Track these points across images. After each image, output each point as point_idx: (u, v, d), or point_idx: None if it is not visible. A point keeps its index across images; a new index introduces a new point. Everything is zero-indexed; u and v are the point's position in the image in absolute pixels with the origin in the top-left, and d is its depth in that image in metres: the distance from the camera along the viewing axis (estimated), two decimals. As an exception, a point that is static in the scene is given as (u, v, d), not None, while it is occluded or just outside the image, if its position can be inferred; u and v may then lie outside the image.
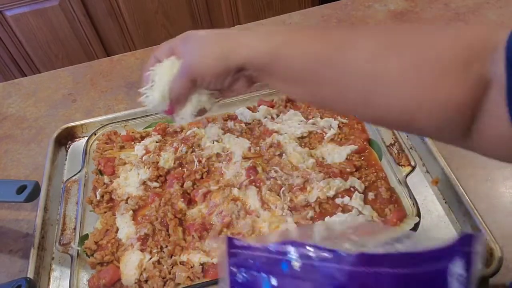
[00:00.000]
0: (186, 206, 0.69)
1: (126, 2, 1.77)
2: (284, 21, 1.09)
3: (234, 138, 0.78)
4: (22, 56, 1.84)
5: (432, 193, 0.70)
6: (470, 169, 0.71)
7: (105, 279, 0.61)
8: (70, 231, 0.67)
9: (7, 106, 1.00)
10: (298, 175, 0.70)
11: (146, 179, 0.73)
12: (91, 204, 0.71)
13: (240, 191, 0.70)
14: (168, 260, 0.62)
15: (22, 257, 0.70)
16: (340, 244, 0.41)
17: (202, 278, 0.61)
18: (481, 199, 0.66)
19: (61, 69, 1.09)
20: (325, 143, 0.76)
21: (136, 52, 1.09)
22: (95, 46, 1.88)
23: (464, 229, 0.65)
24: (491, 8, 1.03)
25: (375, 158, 0.73)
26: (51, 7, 1.71)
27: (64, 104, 0.98)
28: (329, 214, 0.65)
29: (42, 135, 0.91)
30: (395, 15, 1.06)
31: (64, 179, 0.80)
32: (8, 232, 0.74)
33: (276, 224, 0.65)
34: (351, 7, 1.10)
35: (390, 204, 0.65)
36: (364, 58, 0.39)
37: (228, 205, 0.68)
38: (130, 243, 0.65)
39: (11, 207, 0.77)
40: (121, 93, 0.98)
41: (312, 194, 0.67)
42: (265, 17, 1.44)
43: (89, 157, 0.78)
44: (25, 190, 0.66)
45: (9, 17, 1.69)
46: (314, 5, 1.40)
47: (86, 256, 0.65)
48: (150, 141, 0.78)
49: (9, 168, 0.85)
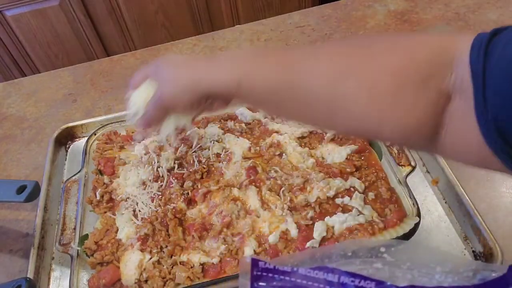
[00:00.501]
0: (186, 206, 0.69)
1: (126, 2, 1.77)
2: (284, 21, 1.09)
3: (234, 138, 0.78)
4: (22, 56, 1.83)
5: (432, 193, 0.70)
6: (470, 169, 0.71)
7: (105, 279, 0.61)
8: (70, 231, 0.67)
9: (7, 106, 1.00)
10: (298, 175, 0.70)
11: (146, 179, 0.73)
12: (91, 204, 0.71)
13: (240, 191, 0.70)
14: (168, 260, 0.62)
15: (22, 257, 0.70)
16: (371, 263, 0.39)
17: (202, 278, 0.61)
18: (481, 199, 0.66)
19: (61, 69, 1.09)
20: (325, 143, 0.76)
21: (136, 52, 1.09)
22: (95, 46, 1.88)
23: (464, 229, 0.65)
24: (491, 8, 1.03)
25: (375, 158, 0.73)
26: (51, 7, 1.71)
27: (64, 104, 0.98)
28: (329, 214, 0.65)
29: (42, 135, 0.91)
30: (395, 15, 1.05)
31: (64, 179, 0.80)
32: (8, 232, 0.74)
33: (276, 224, 0.65)
34: (351, 7, 1.10)
35: (390, 204, 0.65)
36: (322, 84, 0.41)
37: (228, 205, 0.68)
38: (130, 243, 0.65)
39: (11, 207, 0.77)
40: (121, 93, 0.97)
41: (312, 194, 0.67)
42: (265, 17, 1.43)
43: (89, 157, 0.78)
44: (25, 190, 0.66)
45: (9, 17, 1.69)
46: (314, 5, 1.40)
47: (86, 256, 0.65)
48: (150, 141, 0.78)
49: (9, 168, 0.85)
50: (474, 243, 0.63)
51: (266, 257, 0.51)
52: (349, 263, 0.42)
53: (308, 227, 0.64)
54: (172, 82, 0.51)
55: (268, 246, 0.63)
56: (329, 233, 0.63)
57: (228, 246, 0.63)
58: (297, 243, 0.62)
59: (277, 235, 0.63)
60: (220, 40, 1.07)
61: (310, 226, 0.64)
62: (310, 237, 0.62)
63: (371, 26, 1.03)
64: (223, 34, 1.09)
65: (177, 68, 0.52)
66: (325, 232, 0.62)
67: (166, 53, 1.06)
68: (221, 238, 0.64)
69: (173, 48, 1.07)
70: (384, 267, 0.41)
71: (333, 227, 0.63)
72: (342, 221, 0.63)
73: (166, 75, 0.52)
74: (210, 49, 1.05)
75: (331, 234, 0.63)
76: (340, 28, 1.05)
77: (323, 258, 0.44)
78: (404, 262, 0.41)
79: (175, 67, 0.52)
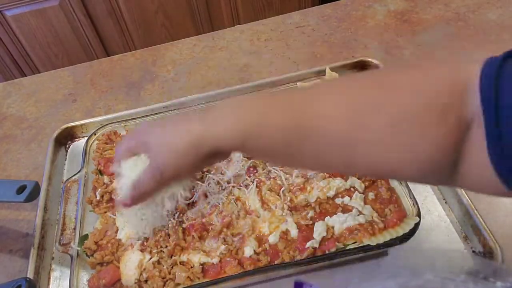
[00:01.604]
0: (186, 206, 0.69)
1: (126, 2, 1.77)
2: (284, 21, 1.09)
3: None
4: (22, 56, 1.83)
5: (432, 193, 0.70)
6: (470, 169, 0.71)
7: (105, 279, 0.61)
8: (70, 231, 0.67)
9: (7, 106, 1.00)
10: (298, 175, 0.70)
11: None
12: (91, 204, 0.71)
13: (240, 191, 0.70)
14: (168, 260, 0.62)
15: (22, 257, 0.70)
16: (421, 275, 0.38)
17: (202, 278, 0.61)
18: (481, 199, 0.66)
19: (61, 69, 1.09)
20: (325, 143, 0.75)
21: (136, 52, 1.09)
22: (95, 46, 1.88)
23: (464, 229, 0.65)
24: (491, 8, 1.03)
25: (375, 158, 0.73)
26: (51, 7, 1.71)
27: (64, 104, 0.98)
28: (329, 214, 0.65)
29: (42, 135, 0.91)
30: (395, 15, 1.05)
31: (64, 179, 0.80)
32: (8, 232, 0.74)
33: (276, 224, 0.65)
34: (351, 7, 1.10)
35: (390, 204, 0.65)
36: (336, 129, 0.38)
37: (228, 205, 0.68)
38: (130, 243, 0.65)
39: (11, 207, 0.77)
40: (121, 93, 0.98)
41: (312, 194, 0.67)
42: (265, 17, 1.43)
43: (89, 157, 0.78)
44: (25, 190, 0.66)
45: (9, 17, 1.69)
46: (314, 5, 1.40)
47: (86, 256, 0.65)
48: (150, 141, 0.78)
49: (9, 168, 0.85)
50: (474, 243, 0.63)
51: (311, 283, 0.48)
52: (397, 274, 0.40)
53: (308, 227, 0.64)
54: (168, 151, 0.43)
55: (268, 246, 0.63)
56: (329, 233, 0.63)
57: (228, 246, 0.63)
58: (297, 243, 0.62)
59: (277, 235, 0.63)
60: (220, 40, 1.07)
61: (310, 226, 0.64)
62: (310, 237, 0.62)
63: (371, 26, 1.03)
64: (223, 34, 1.09)
65: (167, 133, 0.45)
66: (325, 232, 0.62)
67: (166, 53, 1.06)
68: (221, 238, 0.64)
69: (173, 48, 1.07)
70: (436, 279, 0.39)
71: (333, 227, 0.63)
72: (342, 221, 0.63)
73: (157, 146, 0.45)
74: (210, 49, 1.05)
75: (331, 234, 0.63)
76: (340, 28, 1.05)
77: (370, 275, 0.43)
78: (459, 274, 0.39)
79: (163, 134, 0.45)
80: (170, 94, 0.95)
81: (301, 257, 0.61)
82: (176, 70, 1.01)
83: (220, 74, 0.98)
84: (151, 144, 0.45)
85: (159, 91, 0.97)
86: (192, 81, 0.98)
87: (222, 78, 0.97)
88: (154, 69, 1.03)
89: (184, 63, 1.03)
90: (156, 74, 1.01)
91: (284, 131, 0.40)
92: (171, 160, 0.43)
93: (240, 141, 0.41)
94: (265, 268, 0.60)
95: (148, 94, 0.96)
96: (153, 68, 1.03)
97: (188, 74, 1.00)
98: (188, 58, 1.04)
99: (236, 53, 1.03)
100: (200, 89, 0.94)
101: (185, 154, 0.42)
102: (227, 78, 0.96)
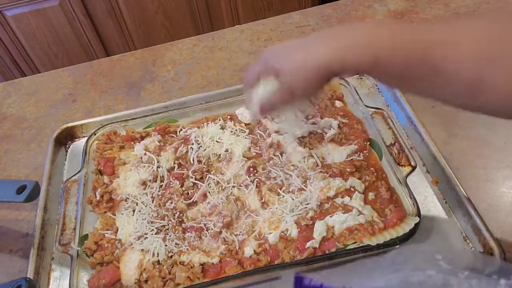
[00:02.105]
0: (186, 206, 0.69)
1: (126, 2, 1.77)
2: (284, 21, 1.09)
3: (234, 138, 0.78)
4: (22, 56, 1.84)
5: (432, 193, 0.70)
6: (470, 169, 0.71)
7: (105, 279, 0.61)
8: (70, 231, 0.67)
9: (7, 106, 1.00)
10: (298, 175, 0.70)
11: (146, 179, 0.73)
12: (91, 204, 0.71)
13: (240, 191, 0.70)
14: (168, 260, 0.62)
15: (22, 257, 0.70)
16: (423, 270, 0.38)
17: (202, 278, 0.61)
18: (481, 199, 0.66)
19: (61, 69, 1.09)
20: (325, 143, 0.75)
21: (136, 52, 1.09)
22: (95, 46, 1.88)
23: (464, 229, 0.65)
24: (491, 8, 1.03)
25: (375, 158, 0.73)
26: (51, 7, 1.71)
27: (64, 104, 0.98)
28: (329, 214, 0.65)
29: (42, 135, 0.91)
30: (395, 15, 1.05)
31: (64, 179, 0.80)
32: (8, 232, 0.74)
33: (276, 224, 0.65)
34: (351, 7, 1.10)
35: (390, 204, 0.65)
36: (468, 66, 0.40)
37: (228, 205, 0.68)
38: (130, 243, 0.65)
39: (11, 207, 0.77)
40: (121, 93, 0.98)
41: (312, 194, 0.67)
42: (265, 17, 1.43)
43: (89, 157, 0.78)
44: (25, 190, 0.66)
45: (9, 17, 1.69)
46: (314, 5, 1.40)
47: (86, 256, 0.65)
48: (150, 141, 0.78)
49: (9, 168, 0.85)
50: (474, 243, 0.63)
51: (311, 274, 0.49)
52: (399, 269, 0.41)
53: (308, 227, 0.64)
54: (297, 70, 0.48)
55: (268, 246, 0.63)
56: (329, 233, 0.63)
57: (228, 246, 0.63)
58: (297, 243, 0.62)
59: (277, 235, 0.63)
60: (220, 40, 1.07)
61: (310, 226, 0.64)
62: (310, 237, 0.62)
63: (371, 26, 1.03)
64: (223, 34, 1.09)
65: (296, 54, 0.48)
66: (325, 232, 0.62)
67: (166, 53, 1.06)
68: (221, 238, 0.64)
69: (173, 48, 1.07)
70: (438, 275, 0.39)
71: (333, 227, 0.63)
72: (342, 221, 0.63)
73: (288, 71, 0.49)
74: (210, 49, 1.05)
75: (331, 234, 0.63)
76: (340, 28, 1.05)
77: (371, 271, 0.43)
78: (462, 271, 0.40)
79: (291, 54, 0.49)
80: (170, 94, 0.95)
81: (301, 257, 0.61)
82: (176, 70, 1.01)
83: (220, 74, 0.98)
84: (282, 69, 0.50)
85: (159, 91, 0.97)
86: (192, 81, 0.98)
87: (222, 78, 0.97)
88: (154, 69, 1.03)
89: (184, 63, 1.03)
90: (156, 74, 1.01)
91: (413, 60, 0.42)
92: (300, 84, 0.49)
93: (371, 64, 0.43)
94: (265, 268, 0.60)
95: (148, 94, 0.96)
96: (153, 68, 1.03)
97: (188, 74, 1.00)
98: (188, 58, 1.04)
99: (236, 53, 1.03)
100: (200, 89, 0.94)
101: (314, 78, 0.47)
102: (227, 78, 0.96)
